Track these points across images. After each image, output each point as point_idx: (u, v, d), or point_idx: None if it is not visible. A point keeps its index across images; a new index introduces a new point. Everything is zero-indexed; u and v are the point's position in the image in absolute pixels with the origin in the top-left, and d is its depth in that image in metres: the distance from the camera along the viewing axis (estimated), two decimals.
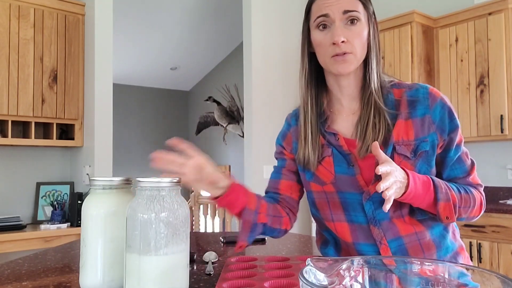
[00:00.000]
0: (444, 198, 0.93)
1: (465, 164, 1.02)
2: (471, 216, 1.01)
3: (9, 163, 3.14)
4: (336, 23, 0.96)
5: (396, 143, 0.97)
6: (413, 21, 3.15)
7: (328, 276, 0.56)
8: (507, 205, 2.79)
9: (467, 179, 1.02)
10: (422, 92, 0.99)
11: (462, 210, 0.97)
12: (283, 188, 1.11)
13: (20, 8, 2.99)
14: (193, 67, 6.54)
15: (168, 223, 0.77)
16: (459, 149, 1.00)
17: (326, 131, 1.03)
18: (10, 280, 0.98)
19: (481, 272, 0.54)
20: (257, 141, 3.55)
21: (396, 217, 0.98)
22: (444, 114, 0.97)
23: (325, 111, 1.06)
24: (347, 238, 1.01)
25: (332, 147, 1.02)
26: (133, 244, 0.77)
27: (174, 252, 0.78)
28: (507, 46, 2.84)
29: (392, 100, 1.00)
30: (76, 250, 1.33)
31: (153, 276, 0.76)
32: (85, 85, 3.23)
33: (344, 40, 0.95)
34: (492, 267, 2.64)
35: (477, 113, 2.97)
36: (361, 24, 0.97)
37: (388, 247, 0.97)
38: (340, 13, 0.95)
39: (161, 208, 0.77)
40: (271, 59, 3.70)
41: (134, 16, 4.98)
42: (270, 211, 1.04)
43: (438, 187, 0.93)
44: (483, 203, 1.02)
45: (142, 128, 6.71)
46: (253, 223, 1.01)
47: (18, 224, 2.90)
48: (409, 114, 0.98)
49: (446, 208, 0.93)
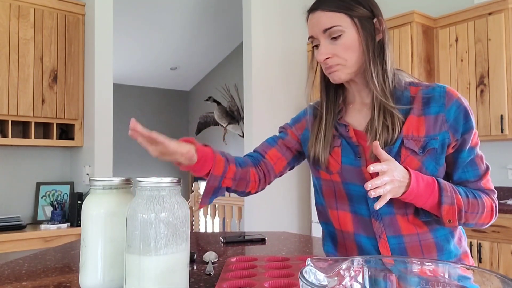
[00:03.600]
0: (449, 201, 0.92)
1: (478, 168, 1.00)
2: (480, 223, 0.99)
3: (9, 163, 3.14)
4: (321, 42, 0.98)
5: (405, 137, 0.96)
6: (413, 21, 3.15)
7: (328, 276, 0.56)
8: (507, 205, 2.79)
9: (478, 183, 1.00)
10: (438, 90, 0.98)
11: (470, 216, 0.95)
12: (271, 155, 1.13)
13: (20, 8, 2.99)
14: (193, 67, 6.54)
15: (168, 223, 0.77)
16: (472, 151, 0.99)
17: (338, 122, 1.05)
18: (10, 280, 0.98)
19: (481, 272, 0.54)
20: (257, 141, 3.55)
21: (400, 215, 0.98)
22: (459, 114, 0.96)
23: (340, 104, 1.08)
24: (348, 228, 1.03)
25: (342, 138, 1.04)
26: (133, 244, 0.77)
27: (174, 252, 0.78)
28: (507, 46, 2.84)
29: (407, 96, 1.00)
30: (76, 250, 1.33)
31: (153, 276, 0.76)
32: (85, 85, 3.23)
33: (328, 57, 0.98)
34: (492, 267, 2.64)
35: (477, 113, 2.97)
36: (346, 35, 0.96)
37: (387, 243, 0.98)
38: (321, 32, 0.98)
39: (161, 208, 0.78)
40: (271, 59, 3.70)
41: (134, 16, 4.98)
42: (237, 175, 1.04)
43: (443, 189, 0.92)
44: (495, 210, 1.00)
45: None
46: (216, 187, 1.02)
47: (18, 224, 2.90)
48: (422, 110, 0.98)
49: (449, 212, 0.92)
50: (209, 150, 1.00)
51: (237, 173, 1.04)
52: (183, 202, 0.82)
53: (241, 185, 1.06)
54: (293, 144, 1.14)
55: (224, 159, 1.02)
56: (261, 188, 1.13)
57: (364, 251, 1.02)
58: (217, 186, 1.01)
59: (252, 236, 1.48)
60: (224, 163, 1.02)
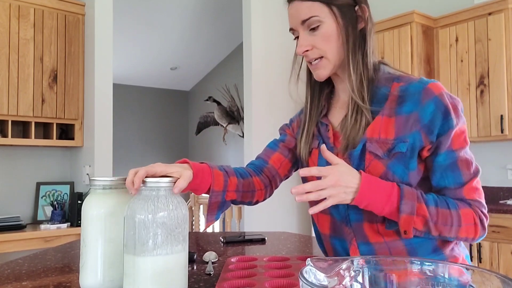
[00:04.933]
0: (408, 210, 0.83)
1: (460, 174, 0.88)
2: (462, 237, 0.87)
3: (9, 163, 3.14)
4: (300, 33, 0.95)
5: (369, 140, 0.90)
6: (413, 21, 3.15)
7: (328, 276, 0.56)
8: (507, 205, 2.79)
9: (458, 191, 0.88)
10: (416, 86, 0.89)
11: (442, 228, 0.85)
12: (274, 159, 1.11)
13: (20, 8, 2.99)
14: (193, 67, 6.54)
15: (163, 224, 0.77)
16: (452, 154, 0.87)
17: (320, 121, 1.03)
18: (10, 280, 0.98)
19: (481, 272, 0.54)
20: (257, 141, 3.55)
21: (369, 222, 0.92)
22: (437, 113, 0.86)
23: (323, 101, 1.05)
24: (325, 230, 1.02)
25: (320, 139, 1.02)
26: (129, 244, 0.78)
27: (169, 253, 0.77)
28: (507, 46, 2.84)
29: (383, 94, 0.93)
30: (76, 250, 1.33)
31: (148, 276, 0.76)
32: (85, 85, 3.23)
33: (308, 49, 0.94)
34: (492, 267, 2.64)
35: (477, 113, 2.97)
36: (325, 26, 0.91)
37: (358, 249, 0.95)
38: (299, 24, 0.94)
39: (155, 209, 0.77)
40: (271, 59, 3.70)
41: (134, 16, 4.98)
42: (240, 187, 1.01)
43: (403, 197, 0.84)
44: (478, 223, 0.87)
45: (142, 128, 6.71)
46: (220, 203, 0.99)
47: (18, 224, 2.90)
48: (395, 110, 0.90)
49: (406, 221, 0.84)
50: (205, 166, 0.96)
51: (240, 185, 1.01)
52: (180, 202, 0.81)
53: (247, 196, 1.04)
54: (293, 144, 1.12)
55: (223, 173, 0.99)
56: (269, 194, 1.11)
57: (338, 255, 1.00)
58: (220, 201, 0.98)
59: (252, 236, 1.48)
60: (224, 177, 0.98)
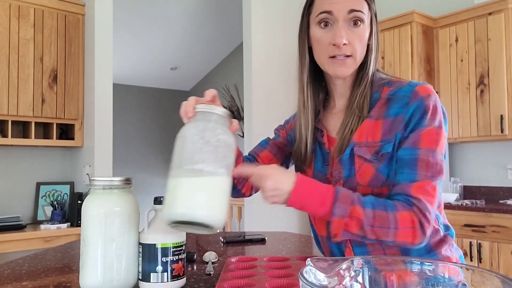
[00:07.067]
0: (340, 213, 0.82)
1: (415, 173, 0.85)
2: (400, 241, 0.82)
3: (9, 163, 3.14)
4: (340, 23, 0.90)
5: (357, 144, 0.91)
6: (413, 21, 3.15)
7: (328, 276, 0.56)
8: (507, 205, 2.79)
9: (405, 186, 0.84)
10: (405, 90, 0.90)
11: (380, 231, 0.82)
12: (262, 157, 1.12)
13: (20, 8, 2.99)
14: (193, 67, 6.54)
15: (208, 142, 0.80)
16: (414, 151, 0.85)
17: (316, 127, 1.03)
18: (10, 280, 0.98)
19: (481, 272, 0.54)
20: (257, 141, 3.55)
21: None
22: (416, 112, 0.86)
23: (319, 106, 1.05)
24: (322, 232, 1.02)
25: (316, 144, 1.02)
26: (176, 161, 0.81)
27: (211, 172, 0.79)
28: (507, 46, 2.84)
29: (374, 100, 0.94)
30: (76, 250, 1.33)
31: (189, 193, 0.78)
32: (85, 85, 3.23)
33: (346, 43, 0.90)
34: (492, 267, 2.64)
35: (477, 113, 2.97)
36: (364, 26, 0.92)
37: (352, 251, 0.95)
38: (345, 12, 0.89)
39: (204, 128, 0.81)
40: (271, 59, 3.70)
41: (134, 16, 4.98)
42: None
43: (337, 200, 0.83)
44: (417, 227, 0.82)
45: (142, 128, 6.71)
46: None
47: (18, 224, 2.90)
48: (382, 113, 0.91)
49: (336, 224, 0.83)
50: None
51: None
52: (229, 132, 0.85)
53: (240, 182, 1.05)
54: (284, 144, 1.13)
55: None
56: (255, 191, 1.10)
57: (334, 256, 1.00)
58: None
59: (252, 236, 1.48)
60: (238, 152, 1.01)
